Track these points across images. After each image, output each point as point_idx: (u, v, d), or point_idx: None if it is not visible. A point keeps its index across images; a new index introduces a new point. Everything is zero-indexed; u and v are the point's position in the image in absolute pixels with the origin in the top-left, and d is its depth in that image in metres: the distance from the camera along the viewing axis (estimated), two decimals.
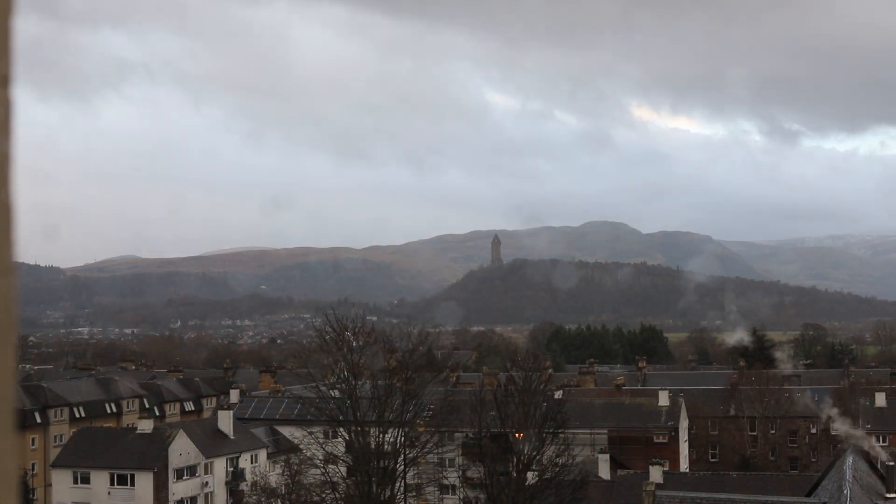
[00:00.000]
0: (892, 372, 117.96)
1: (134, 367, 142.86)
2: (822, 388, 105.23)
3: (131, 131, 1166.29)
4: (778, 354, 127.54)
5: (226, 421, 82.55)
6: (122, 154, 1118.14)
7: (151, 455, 74.06)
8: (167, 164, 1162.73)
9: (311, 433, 63.18)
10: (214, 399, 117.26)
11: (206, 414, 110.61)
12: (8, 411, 2.73)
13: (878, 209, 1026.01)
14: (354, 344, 65.61)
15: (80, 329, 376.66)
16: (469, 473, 72.36)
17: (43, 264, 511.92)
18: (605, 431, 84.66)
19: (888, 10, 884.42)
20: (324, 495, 60.50)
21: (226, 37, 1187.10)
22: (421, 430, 65.99)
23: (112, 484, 74.37)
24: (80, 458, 76.11)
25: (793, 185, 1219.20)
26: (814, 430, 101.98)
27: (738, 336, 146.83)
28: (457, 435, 71.55)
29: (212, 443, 79.74)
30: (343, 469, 61.98)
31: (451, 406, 65.71)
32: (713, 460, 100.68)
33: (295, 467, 66.20)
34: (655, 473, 60.14)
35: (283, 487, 65.56)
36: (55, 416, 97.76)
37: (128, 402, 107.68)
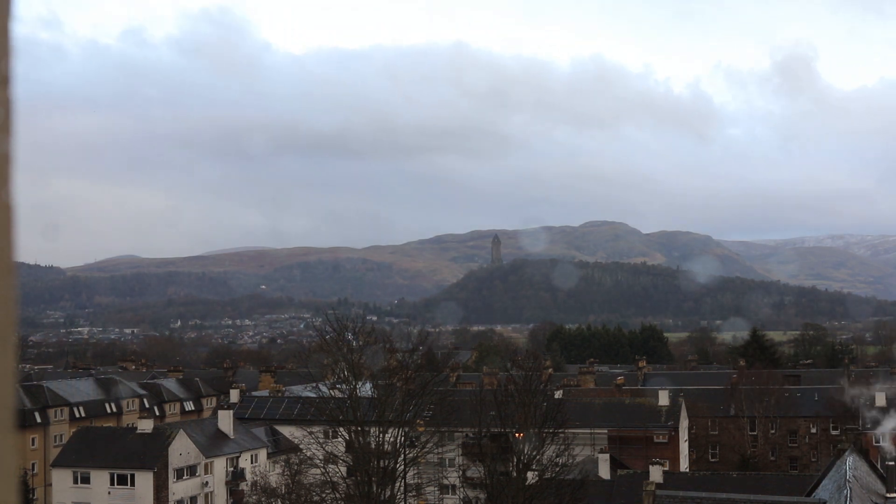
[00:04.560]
0: (892, 372, 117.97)
1: (134, 367, 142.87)
2: (822, 388, 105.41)
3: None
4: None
5: (226, 421, 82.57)
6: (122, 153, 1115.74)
7: (151, 455, 74.06)
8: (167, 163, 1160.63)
9: (311, 433, 63.19)
10: (214, 399, 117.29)
11: (206, 414, 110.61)
12: (8, 411, 2.73)
13: (878, 209, 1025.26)
14: (354, 344, 65.64)
15: (80, 329, 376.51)
16: (469, 473, 72.39)
17: (43, 264, 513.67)
18: (605, 431, 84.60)
19: None
20: (324, 495, 60.48)
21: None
22: (421, 430, 66.01)
23: (112, 484, 74.38)
24: (80, 458, 76.11)
25: (793, 184, 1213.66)
26: (814, 430, 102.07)
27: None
28: (457, 435, 71.56)
29: (212, 443, 79.78)
30: (343, 469, 61.97)
31: (451, 406, 65.68)
32: (713, 460, 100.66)
33: (295, 467, 66.21)
34: (655, 473, 60.18)
35: (283, 487, 65.59)
36: (55, 416, 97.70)
37: (128, 402, 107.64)
